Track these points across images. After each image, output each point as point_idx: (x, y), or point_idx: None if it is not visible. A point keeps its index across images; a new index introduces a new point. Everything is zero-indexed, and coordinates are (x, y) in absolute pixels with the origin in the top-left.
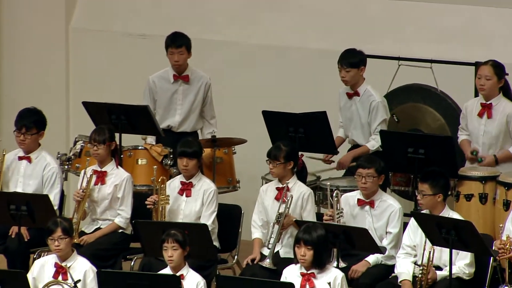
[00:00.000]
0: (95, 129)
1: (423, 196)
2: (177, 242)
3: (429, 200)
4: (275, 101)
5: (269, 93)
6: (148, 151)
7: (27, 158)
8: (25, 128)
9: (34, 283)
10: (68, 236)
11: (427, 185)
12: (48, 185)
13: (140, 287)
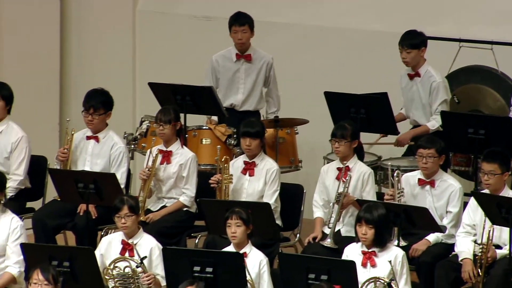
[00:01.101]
0: (161, 110)
1: (493, 175)
2: (241, 219)
3: (498, 179)
4: (337, 82)
5: (331, 74)
6: (212, 131)
7: (95, 137)
8: (93, 109)
9: (102, 259)
10: (135, 214)
11: (496, 164)
12: (115, 164)
13: (205, 264)
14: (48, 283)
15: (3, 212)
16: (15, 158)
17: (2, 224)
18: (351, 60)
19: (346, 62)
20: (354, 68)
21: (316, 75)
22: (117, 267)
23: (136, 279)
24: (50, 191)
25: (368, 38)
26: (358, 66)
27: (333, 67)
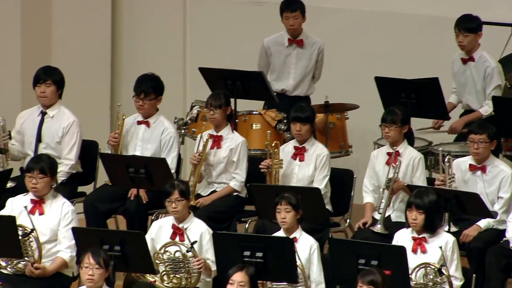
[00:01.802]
0: (211, 94)
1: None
2: (290, 204)
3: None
4: (388, 67)
5: (382, 59)
6: (263, 116)
7: (146, 122)
8: (144, 94)
9: (152, 243)
10: (185, 199)
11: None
12: (165, 149)
13: (255, 249)
14: (99, 267)
15: (54, 197)
16: (67, 143)
17: (53, 209)
18: (402, 45)
19: (397, 47)
20: (405, 53)
21: (367, 60)
22: (167, 251)
23: (186, 263)
24: (101, 176)
25: (420, 23)
26: (409, 51)
27: (384, 52)
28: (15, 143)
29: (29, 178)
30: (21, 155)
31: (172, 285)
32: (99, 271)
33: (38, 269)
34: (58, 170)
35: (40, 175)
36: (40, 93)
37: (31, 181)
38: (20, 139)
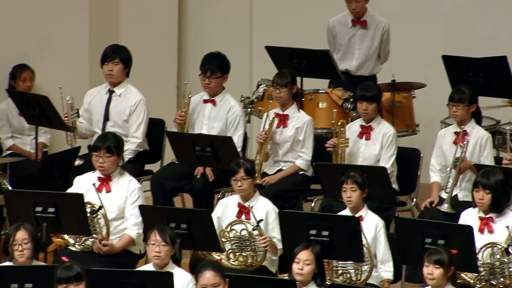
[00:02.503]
0: (278, 73)
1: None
2: (356, 183)
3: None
4: (454, 46)
5: (449, 37)
6: (329, 94)
7: (212, 101)
8: (210, 72)
9: (218, 222)
10: (251, 177)
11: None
12: (231, 128)
13: (321, 227)
14: (165, 244)
15: (121, 175)
16: (134, 121)
17: (120, 187)
18: (469, 23)
19: (464, 25)
20: (473, 32)
21: (434, 38)
22: (233, 229)
23: (252, 241)
24: (168, 154)
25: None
26: (476, 29)
27: (451, 30)
28: (83, 121)
29: (96, 157)
30: (89, 133)
31: (238, 263)
32: (165, 248)
33: (106, 246)
34: (125, 148)
35: (106, 154)
36: (108, 71)
37: (98, 160)
38: (88, 117)
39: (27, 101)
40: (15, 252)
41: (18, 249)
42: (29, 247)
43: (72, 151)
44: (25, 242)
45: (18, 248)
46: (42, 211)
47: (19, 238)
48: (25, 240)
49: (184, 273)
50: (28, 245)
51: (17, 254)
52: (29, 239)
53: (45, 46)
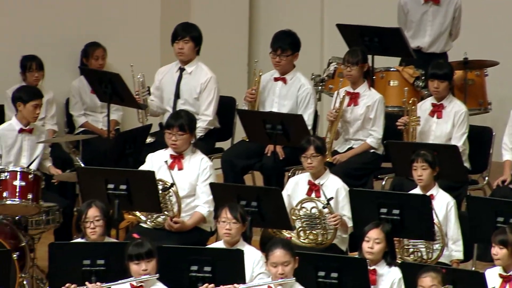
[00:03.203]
0: (349, 51)
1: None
2: (427, 162)
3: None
4: None
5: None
6: (400, 72)
7: (283, 79)
8: (281, 50)
9: (289, 200)
10: (320, 154)
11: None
12: (302, 106)
13: (391, 206)
14: (236, 221)
15: (193, 153)
16: (204, 99)
17: (192, 164)
18: None
19: None
20: None
21: (507, 15)
22: (303, 207)
23: (322, 219)
24: (239, 132)
25: None
26: None
27: None
28: (154, 99)
29: (168, 134)
30: (160, 111)
31: (309, 241)
32: (236, 225)
33: (177, 223)
34: (196, 126)
35: (179, 132)
36: (178, 49)
37: (171, 137)
38: (159, 95)
39: (99, 79)
40: (87, 229)
41: (90, 226)
42: (101, 224)
43: (144, 129)
44: (96, 219)
45: (90, 226)
46: (114, 188)
47: (91, 216)
48: (97, 217)
49: (254, 250)
50: (99, 222)
51: (89, 231)
52: (101, 216)
53: (117, 24)
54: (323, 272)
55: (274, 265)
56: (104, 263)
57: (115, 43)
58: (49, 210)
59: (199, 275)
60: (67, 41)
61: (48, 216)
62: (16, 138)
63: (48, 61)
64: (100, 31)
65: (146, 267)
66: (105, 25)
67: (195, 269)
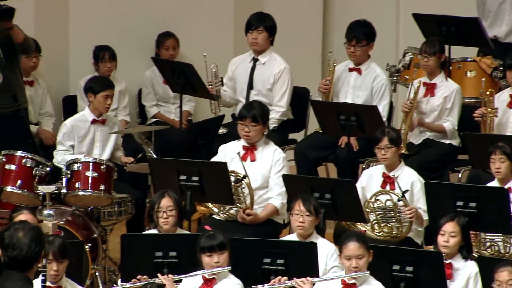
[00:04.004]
0: (426, 41)
1: None
2: (505, 154)
3: None
4: None
5: None
6: (478, 63)
7: (357, 69)
8: (355, 40)
9: (363, 192)
10: (395, 146)
11: None
12: (377, 97)
13: (468, 199)
14: (309, 214)
15: (266, 144)
16: (278, 90)
17: (265, 156)
18: None
19: None
20: None
21: None
22: (378, 200)
23: (397, 212)
24: (312, 123)
25: None
26: None
27: None
28: (227, 89)
29: (241, 126)
30: (233, 102)
31: (383, 234)
32: (309, 218)
33: (250, 215)
34: (269, 117)
35: (252, 123)
36: (252, 39)
37: (244, 129)
38: (232, 85)
39: (171, 69)
40: (160, 219)
41: (162, 216)
42: (174, 214)
43: (216, 120)
44: (169, 209)
45: (163, 215)
46: (186, 180)
47: (164, 205)
48: (170, 207)
49: (327, 243)
50: (172, 212)
51: (161, 221)
52: (174, 206)
53: (190, 14)
54: (397, 266)
55: (347, 258)
56: (176, 255)
57: (188, 33)
58: (121, 201)
59: (272, 267)
60: (140, 31)
61: (121, 207)
62: (89, 129)
63: (121, 51)
64: (173, 20)
65: (218, 259)
66: (179, 15)
67: (267, 261)
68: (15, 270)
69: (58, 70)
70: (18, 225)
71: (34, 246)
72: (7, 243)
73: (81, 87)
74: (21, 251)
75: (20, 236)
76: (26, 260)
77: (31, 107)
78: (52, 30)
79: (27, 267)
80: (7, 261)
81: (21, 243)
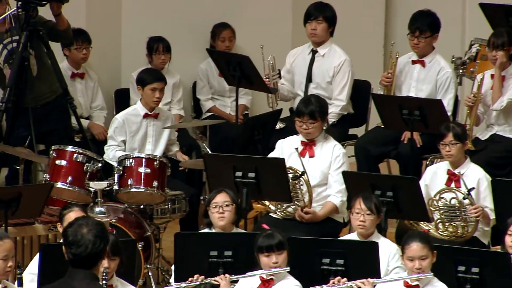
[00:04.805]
0: (494, 33)
1: None
2: None
3: None
4: None
5: None
6: None
7: (421, 62)
8: (419, 31)
9: (426, 190)
10: (460, 142)
11: None
12: (441, 90)
13: None
14: (370, 213)
15: (325, 139)
16: (338, 83)
17: (324, 152)
18: None
19: None
20: None
21: None
22: (442, 198)
23: (462, 211)
24: (373, 118)
25: None
26: None
27: None
28: (285, 82)
29: (299, 122)
30: (291, 95)
31: (448, 233)
32: (370, 217)
33: (308, 213)
34: (329, 111)
35: (310, 120)
36: (311, 30)
37: (301, 126)
38: (290, 78)
39: (227, 61)
40: (215, 214)
41: (218, 211)
42: (230, 210)
43: (274, 114)
44: (226, 204)
45: (219, 210)
46: (242, 176)
47: (220, 200)
48: (226, 203)
49: (389, 243)
50: (229, 208)
51: (217, 216)
52: (230, 202)
53: (246, 4)
54: (463, 267)
55: (410, 259)
56: (232, 254)
57: (244, 24)
58: (175, 198)
59: (331, 268)
60: (195, 22)
61: (174, 205)
62: (141, 123)
63: (175, 43)
64: (229, 11)
65: (276, 259)
66: (235, 5)
67: (326, 261)
68: (80, 268)
69: (110, 62)
70: (81, 221)
71: (99, 242)
72: (71, 240)
73: (134, 79)
74: (86, 248)
75: (84, 232)
76: (91, 257)
77: (81, 100)
78: (104, 20)
79: (92, 264)
80: (71, 259)
81: (86, 239)
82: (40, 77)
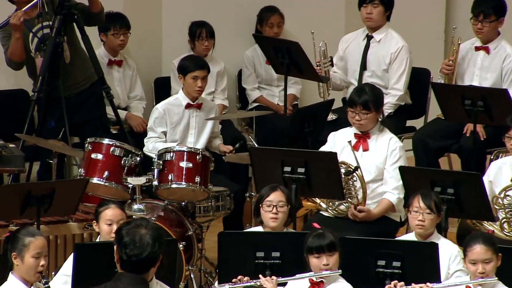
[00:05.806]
0: None
1: None
2: None
3: None
4: None
5: None
6: None
7: (485, 48)
8: (483, 15)
9: (490, 186)
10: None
11: None
12: (507, 79)
13: None
14: (430, 212)
15: (380, 132)
16: (394, 71)
17: (379, 145)
18: None
19: None
20: None
21: None
22: (508, 195)
23: None
24: (433, 109)
25: None
26: None
27: None
28: (337, 70)
29: (351, 113)
30: (344, 84)
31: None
32: (430, 216)
33: (362, 212)
34: (384, 101)
35: (363, 111)
36: (366, 14)
37: (354, 117)
38: (343, 66)
39: (275, 48)
40: (268, 214)
41: (272, 211)
42: (284, 211)
43: (325, 104)
44: (280, 204)
45: (272, 210)
46: (291, 172)
47: (275, 199)
48: (281, 203)
49: (450, 244)
50: (283, 209)
51: (269, 216)
52: (285, 203)
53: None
54: None
55: (473, 262)
56: (280, 255)
57: (293, 8)
58: (219, 195)
59: (387, 271)
60: (240, 6)
61: (218, 202)
62: (183, 114)
63: (220, 29)
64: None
65: (327, 261)
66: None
67: (382, 264)
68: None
69: (150, 48)
70: (139, 222)
71: (158, 247)
72: (127, 240)
73: (175, 67)
74: (143, 251)
75: (143, 233)
76: (146, 261)
77: (119, 89)
78: (143, 4)
79: (145, 269)
80: (125, 260)
81: (144, 242)
82: (73, 64)
